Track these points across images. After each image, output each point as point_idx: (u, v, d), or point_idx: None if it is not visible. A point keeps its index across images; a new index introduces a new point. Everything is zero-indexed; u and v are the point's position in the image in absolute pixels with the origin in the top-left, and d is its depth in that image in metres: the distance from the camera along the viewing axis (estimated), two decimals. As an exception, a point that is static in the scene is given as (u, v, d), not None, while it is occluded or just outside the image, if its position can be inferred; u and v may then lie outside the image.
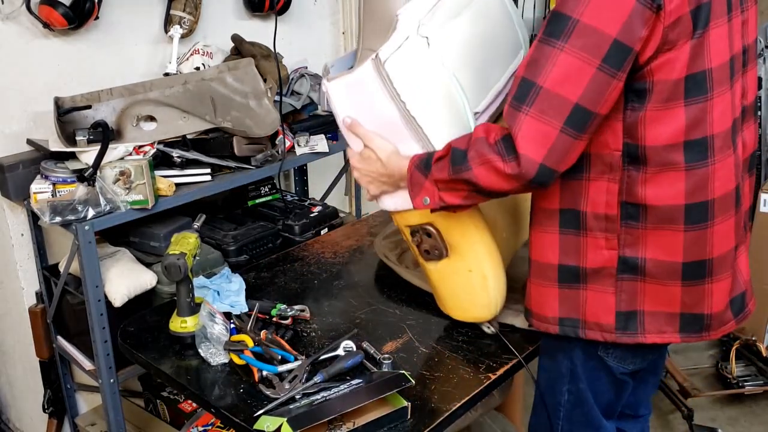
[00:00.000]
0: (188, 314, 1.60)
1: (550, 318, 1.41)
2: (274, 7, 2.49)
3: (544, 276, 1.40)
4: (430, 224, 1.51)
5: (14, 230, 2.12)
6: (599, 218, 1.30)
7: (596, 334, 1.37)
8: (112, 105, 1.99)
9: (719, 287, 1.33)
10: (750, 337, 2.70)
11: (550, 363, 1.50)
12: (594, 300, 1.35)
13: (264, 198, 2.53)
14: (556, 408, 1.50)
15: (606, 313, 1.35)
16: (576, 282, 1.36)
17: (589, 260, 1.33)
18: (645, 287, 1.33)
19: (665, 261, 1.30)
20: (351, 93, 1.43)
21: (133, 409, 2.36)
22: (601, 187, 1.29)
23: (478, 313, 1.61)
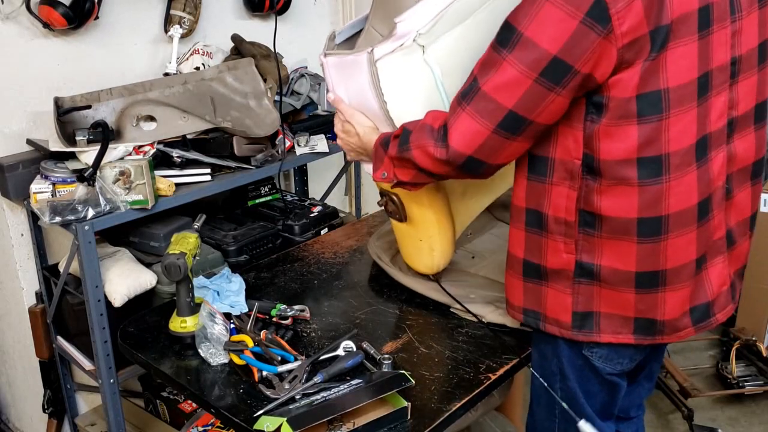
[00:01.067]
0: (188, 314, 1.60)
1: (517, 307, 1.46)
2: (274, 7, 2.49)
3: (513, 268, 1.45)
4: (395, 194, 1.65)
5: (14, 230, 2.12)
6: (559, 222, 1.33)
7: (555, 329, 1.41)
8: (112, 105, 1.98)
9: (673, 296, 1.34)
10: (750, 337, 2.70)
11: (541, 361, 1.51)
12: (553, 297, 1.39)
13: (264, 198, 2.53)
14: (551, 406, 1.51)
15: (563, 312, 1.38)
16: (538, 278, 1.40)
17: (549, 261, 1.37)
18: (601, 291, 1.35)
19: (619, 269, 1.31)
20: (344, 71, 1.51)
21: (133, 409, 2.36)
22: (562, 192, 1.31)
23: (422, 269, 1.79)
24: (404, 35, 1.43)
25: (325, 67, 1.53)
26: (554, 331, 1.41)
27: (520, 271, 1.43)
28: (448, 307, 1.73)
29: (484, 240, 1.99)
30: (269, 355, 1.48)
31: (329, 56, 1.51)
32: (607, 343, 1.38)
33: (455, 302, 1.70)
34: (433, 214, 1.67)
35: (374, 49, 1.42)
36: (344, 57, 1.48)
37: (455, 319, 1.69)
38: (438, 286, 1.75)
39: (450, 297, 1.71)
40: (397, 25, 1.42)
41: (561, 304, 1.38)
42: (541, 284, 1.40)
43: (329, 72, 1.54)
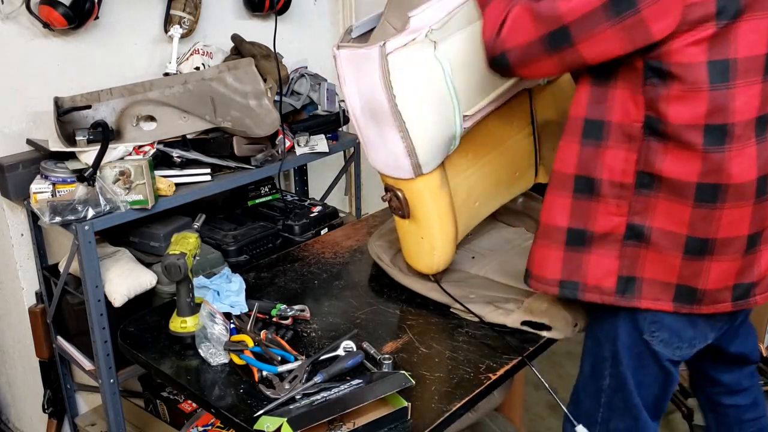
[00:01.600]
0: (188, 314, 1.60)
1: (551, 280, 1.47)
2: (274, 7, 2.49)
3: (551, 238, 1.46)
4: (399, 189, 1.65)
5: (14, 230, 2.12)
6: (614, 185, 1.37)
7: (595, 297, 1.44)
8: (112, 105, 1.98)
9: (719, 267, 1.36)
10: (750, 337, 2.69)
11: (593, 347, 1.53)
12: (596, 264, 1.42)
13: (264, 198, 2.53)
14: (597, 393, 1.54)
15: (607, 277, 1.42)
16: (581, 245, 1.42)
17: (598, 225, 1.40)
18: (647, 255, 1.39)
19: (671, 231, 1.35)
20: (355, 64, 1.52)
21: (133, 409, 2.36)
22: (619, 155, 1.35)
23: (422, 269, 1.78)
24: (417, 30, 1.45)
25: (337, 59, 1.54)
26: (594, 299, 1.44)
27: (561, 240, 1.44)
28: (449, 307, 1.73)
29: (484, 240, 1.99)
30: (269, 355, 1.48)
31: (342, 48, 1.52)
32: (646, 309, 1.42)
33: (455, 302, 1.70)
34: (435, 212, 1.68)
35: (386, 43, 1.44)
36: (356, 50, 1.50)
37: (455, 319, 1.69)
38: (438, 286, 1.75)
39: (450, 297, 1.71)
40: (411, 19, 1.45)
41: (605, 269, 1.41)
42: (583, 251, 1.42)
43: (341, 65, 1.54)
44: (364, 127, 1.61)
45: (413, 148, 1.54)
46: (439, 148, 1.59)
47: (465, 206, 1.78)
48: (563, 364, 2.91)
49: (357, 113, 1.59)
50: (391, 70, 1.45)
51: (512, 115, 1.80)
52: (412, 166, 1.58)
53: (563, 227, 1.43)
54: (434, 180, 1.64)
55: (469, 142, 1.67)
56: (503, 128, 1.83)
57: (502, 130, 1.83)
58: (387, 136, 1.55)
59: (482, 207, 1.87)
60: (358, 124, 1.62)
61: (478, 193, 1.82)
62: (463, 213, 1.77)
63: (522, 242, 1.98)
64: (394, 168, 1.61)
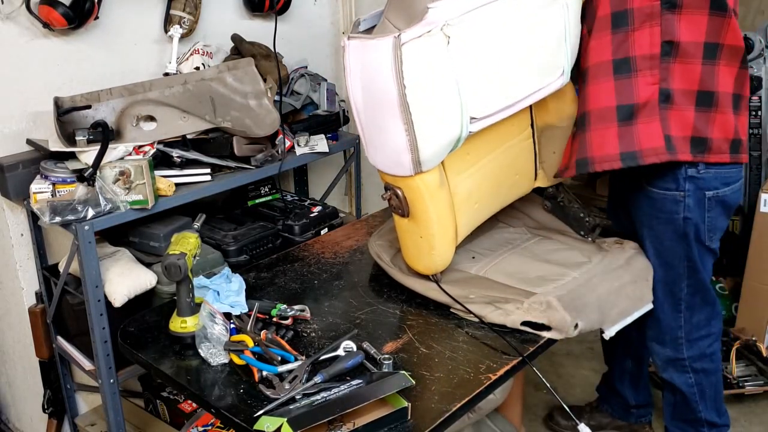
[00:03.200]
0: (188, 314, 1.60)
1: (612, 155, 1.73)
2: (274, 7, 2.49)
3: (605, 119, 1.73)
4: (399, 188, 1.67)
5: (14, 230, 2.12)
6: (645, 58, 1.69)
7: (653, 158, 1.71)
8: (111, 105, 1.98)
9: (721, 119, 1.74)
10: (750, 337, 2.69)
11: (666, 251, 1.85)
12: (645, 130, 1.71)
13: (264, 198, 2.53)
14: (676, 304, 1.90)
15: (656, 138, 1.71)
16: (630, 118, 1.71)
17: (641, 96, 1.70)
18: (671, 114, 1.71)
19: (686, 89, 1.71)
20: (365, 56, 1.52)
21: (133, 409, 2.36)
22: (645, 33, 1.68)
23: (421, 269, 1.80)
24: (433, 22, 1.47)
25: (346, 49, 1.54)
26: (653, 160, 1.71)
27: (613, 118, 1.71)
28: (449, 307, 1.73)
29: (484, 240, 1.99)
30: (269, 355, 1.48)
31: (352, 39, 1.53)
32: (688, 161, 1.74)
33: (455, 303, 1.70)
34: (434, 211, 1.68)
35: (401, 34, 1.44)
36: (367, 41, 1.50)
37: (455, 320, 1.69)
38: (438, 286, 1.75)
39: (450, 297, 1.71)
40: (429, 11, 1.46)
41: (653, 132, 1.71)
42: (632, 123, 1.71)
43: (349, 55, 1.55)
44: (365, 122, 1.61)
45: (416, 143, 1.54)
46: (442, 146, 1.59)
47: (464, 207, 1.78)
48: (563, 364, 2.91)
49: (359, 107, 1.59)
50: (404, 59, 1.46)
51: (513, 118, 1.80)
52: (413, 163, 1.57)
53: (612, 106, 1.71)
54: (433, 178, 1.63)
55: (469, 142, 1.67)
56: (503, 130, 1.83)
57: (503, 132, 1.84)
58: (390, 130, 1.55)
59: (482, 208, 1.87)
60: (359, 119, 1.62)
61: (478, 195, 1.82)
62: (462, 214, 1.77)
63: (522, 242, 1.98)
64: (394, 164, 1.61)
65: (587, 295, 1.70)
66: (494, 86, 1.61)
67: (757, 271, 2.77)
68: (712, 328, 1.98)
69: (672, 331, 1.95)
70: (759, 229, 2.76)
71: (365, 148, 1.67)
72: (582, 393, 2.70)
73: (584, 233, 1.99)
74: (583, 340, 3.01)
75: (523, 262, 1.87)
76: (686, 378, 2.00)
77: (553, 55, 1.71)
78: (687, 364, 1.99)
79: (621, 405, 2.40)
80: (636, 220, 1.93)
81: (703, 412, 2.05)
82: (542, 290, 1.70)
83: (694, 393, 2.02)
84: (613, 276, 1.78)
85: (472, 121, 1.58)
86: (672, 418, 2.13)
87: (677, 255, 1.86)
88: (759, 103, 3.03)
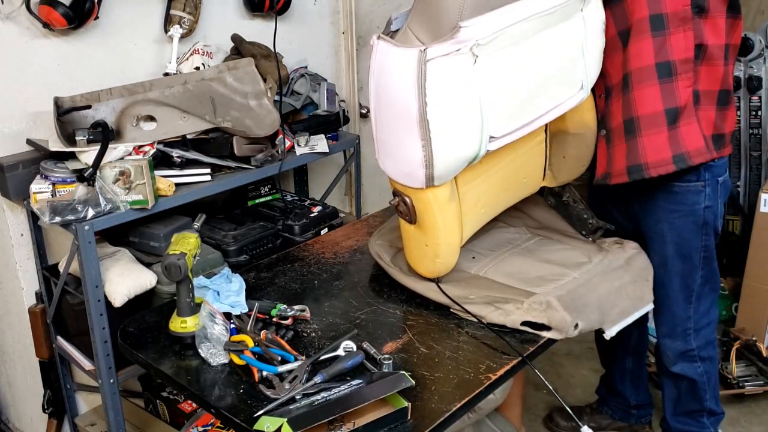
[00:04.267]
0: (188, 314, 1.60)
1: (666, 160, 1.76)
2: (274, 7, 2.49)
3: (656, 125, 1.75)
4: (408, 197, 1.65)
5: (14, 230, 2.12)
6: (683, 62, 1.73)
7: (699, 158, 1.77)
8: (111, 105, 1.98)
9: (731, 114, 1.85)
10: (750, 337, 2.70)
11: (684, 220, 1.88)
12: (687, 132, 1.76)
13: (264, 198, 2.53)
14: (689, 296, 1.95)
15: (698, 139, 1.77)
16: (675, 122, 1.75)
17: (682, 99, 1.74)
18: (699, 114, 1.78)
19: (708, 90, 1.78)
20: (389, 62, 1.49)
21: (133, 409, 2.36)
22: (679, 38, 1.71)
23: (422, 272, 1.79)
24: (464, 41, 1.43)
25: (374, 48, 1.51)
26: (700, 159, 1.77)
27: (664, 123, 1.75)
28: (449, 307, 1.73)
29: (485, 240, 1.99)
30: (269, 355, 1.48)
31: (381, 40, 1.49)
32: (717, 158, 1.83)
33: (454, 304, 1.70)
34: (442, 223, 1.67)
35: (428, 49, 1.41)
36: (393, 47, 1.47)
37: (455, 320, 1.69)
38: (438, 288, 1.74)
39: (449, 299, 1.71)
40: (461, 29, 1.42)
41: (694, 133, 1.76)
42: (676, 127, 1.75)
43: (375, 55, 1.51)
44: (380, 126, 1.58)
45: (432, 160, 1.51)
46: (458, 163, 1.57)
47: (471, 213, 1.78)
48: (563, 364, 2.91)
49: (376, 110, 1.57)
50: (428, 76, 1.42)
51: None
52: (426, 177, 1.55)
53: (661, 111, 1.74)
54: (444, 192, 1.62)
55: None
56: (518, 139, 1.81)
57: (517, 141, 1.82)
58: (406, 142, 1.52)
59: (488, 212, 1.87)
60: (374, 121, 1.59)
61: (485, 200, 1.81)
62: (469, 219, 1.77)
63: (522, 242, 1.98)
64: (406, 175, 1.59)
65: (587, 295, 1.70)
66: (516, 104, 1.58)
67: (757, 271, 2.77)
68: (713, 314, 2.05)
69: (683, 323, 2.00)
70: (759, 229, 2.76)
71: (376, 151, 1.64)
72: (582, 393, 2.70)
73: (585, 233, 1.99)
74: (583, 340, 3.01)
75: (523, 262, 1.87)
76: (696, 368, 2.05)
77: (572, 69, 1.69)
78: (696, 354, 2.03)
79: (621, 406, 2.40)
80: (649, 218, 1.94)
81: (708, 401, 2.09)
82: (542, 290, 1.70)
83: (704, 382, 2.06)
84: (613, 276, 1.78)
85: (491, 140, 1.56)
86: (674, 413, 2.15)
87: (695, 246, 1.91)
88: (759, 103, 3.04)
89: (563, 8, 1.60)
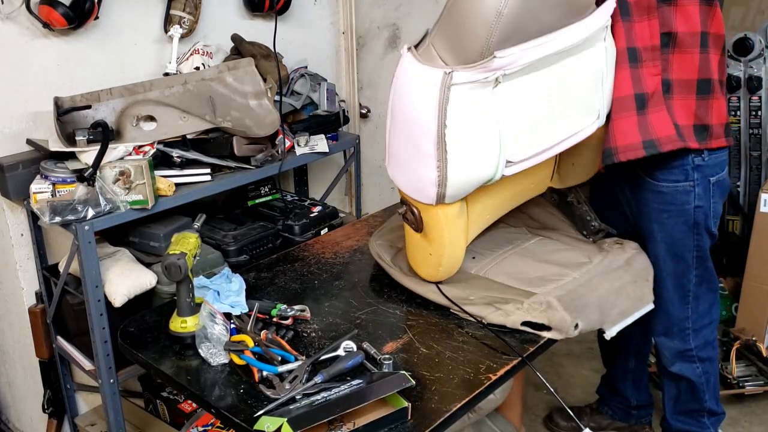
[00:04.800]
0: (188, 314, 1.60)
1: (635, 144, 1.72)
2: (274, 7, 2.49)
3: (625, 107, 1.73)
4: (415, 207, 1.65)
5: (14, 230, 2.12)
6: (647, 49, 1.71)
7: (669, 145, 1.74)
8: (111, 105, 1.98)
9: (717, 105, 1.80)
10: (750, 337, 2.70)
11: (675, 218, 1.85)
12: (656, 120, 1.74)
13: (264, 198, 2.53)
14: (685, 295, 1.94)
15: (668, 127, 1.74)
16: (643, 108, 1.73)
17: (649, 86, 1.72)
18: (674, 104, 1.76)
19: (685, 79, 1.76)
20: (414, 77, 1.49)
21: (133, 409, 2.36)
22: (644, 25, 1.70)
23: (423, 275, 1.79)
24: (494, 70, 1.43)
25: (402, 58, 1.51)
26: (671, 147, 1.74)
27: (632, 107, 1.72)
28: (449, 307, 1.73)
29: (485, 240, 1.99)
30: (269, 355, 1.48)
31: (409, 53, 1.49)
32: (695, 149, 1.78)
33: (454, 305, 1.70)
34: (448, 237, 1.67)
35: (453, 73, 1.41)
36: (419, 66, 1.46)
37: (456, 320, 1.69)
38: (437, 289, 1.74)
39: (449, 301, 1.71)
40: (495, 59, 1.41)
41: (664, 121, 1.74)
42: (646, 113, 1.73)
43: (400, 66, 1.51)
44: (394, 139, 1.58)
45: (445, 181, 1.51)
46: (471, 185, 1.57)
47: (477, 221, 1.78)
48: (563, 364, 2.91)
49: (392, 121, 1.57)
50: (450, 100, 1.42)
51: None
52: (437, 196, 1.55)
53: (631, 95, 1.71)
54: (453, 209, 1.63)
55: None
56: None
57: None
58: (421, 160, 1.52)
59: (492, 218, 1.87)
60: (389, 132, 1.59)
61: (492, 208, 1.82)
62: (474, 225, 1.77)
63: (523, 242, 1.98)
64: (416, 190, 1.59)
65: (587, 295, 1.70)
66: (535, 130, 1.58)
67: (757, 271, 2.77)
68: (713, 315, 2.04)
69: (680, 323, 1.99)
70: (759, 229, 2.76)
71: (386, 158, 1.64)
72: (582, 393, 2.70)
73: (587, 234, 1.99)
74: (583, 340, 3.01)
75: (523, 263, 1.87)
76: (694, 368, 2.04)
77: (591, 98, 1.68)
78: (694, 354, 2.03)
79: (621, 406, 2.40)
80: (641, 218, 1.93)
81: (708, 402, 2.09)
82: (542, 290, 1.70)
83: (702, 382, 2.06)
84: (613, 276, 1.78)
85: (508, 164, 1.56)
86: (674, 413, 2.15)
87: (687, 246, 1.90)
88: (759, 103, 3.04)
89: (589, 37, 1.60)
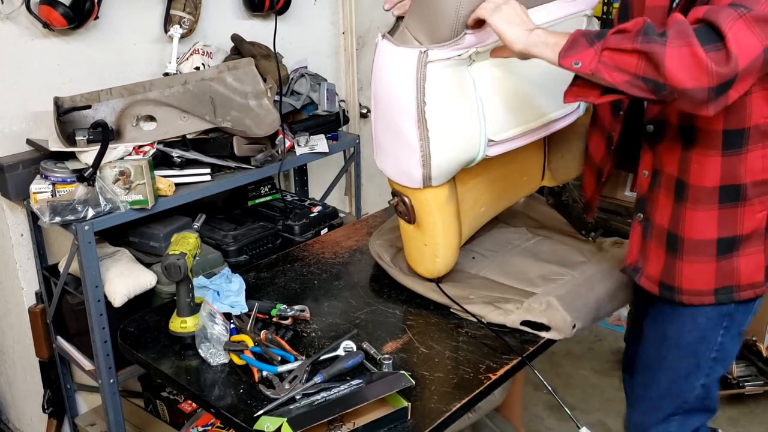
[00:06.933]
0: (188, 314, 1.60)
1: (705, 291, 1.50)
2: (274, 7, 2.49)
3: (702, 253, 1.48)
4: (407, 197, 1.64)
5: (14, 230, 2.12)
6: (757, 185, 1.43)
7: (750, 293, 1.51)
8: (111, 105, 1.99)
9: None
10: (750, 337, 2.70)
11: (697, 345, 1.57)
12: (746, 263, 1.48)
13: (264, 198, 2.53)
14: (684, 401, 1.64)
15: (758, 272, 1.50)
16: (731, 251, 1.47)
17: (745, 227, 1.46)
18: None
19: None
20: (390, 59, 1.50)
21: (133, 409, 2.36)
22: (757, 155, 1.41)
23: (422, 272, 1.78)
24: (466, 48, 1.45)
25: (377, 47, 1.52)
26: (749, 295, 1.51)
27: (712, 253, 1.47)
28: (449, 307, 1.73)
29: (485, 240, 1.99)
30: (269, 355, 1.48)
31: (385, 40, 1.50)
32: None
33: (455, 304, 1.70)
34: (441, 222, 1.67)
35: (429, 51, 1.43)
36: (395, 48, 1.48)
37: (455, 319, 1.69)
38: (437, 288, 1.74)
39: (449, 299, 1.71)
40: (466, 36, 1.44)
41: (756, 265, 1.49)
42: (733, 257, 1.48)
43: (377, 53, 1.51)
44: (379, 125, 1.59)
45: (429, 160, 1.52)
46: (456, 165, 1.58)
47: (471, 213, 1.78)
48: (563, 364, 2.91)
49: (376, 110, 1.58)
50: (427, 77, 1.44)
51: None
52: (423, 177, 1.56)
53: (713, 239, 1.47)
54: (442, 192, 1.63)
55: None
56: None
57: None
58: (404, 142, 1.53)
59: (487, 212, 1.87)
60: (374, 121, 1.60)
61: (485, 200, 1.82)
62: (468, 219, 1.77)
63: (522, 242, 1.98)
64: (403, 174, 1.60)
65: (586, 294, 1.70)
66: (515, 110, 1.59)
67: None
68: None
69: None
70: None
71: (374, 152, 1.65)
72: (582, 393, 2.70)
73: (584, 233, 1.99)
74: (583, 341, 3.02)
75: (523, 262, 1.87)
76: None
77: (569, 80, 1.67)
78: None
79: None
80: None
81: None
82: (542, 290, 1.70)
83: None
84: (612, 276, 1.78)
85: (490, 143, 1.57)
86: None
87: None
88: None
89: (566, 20, 1.60)
